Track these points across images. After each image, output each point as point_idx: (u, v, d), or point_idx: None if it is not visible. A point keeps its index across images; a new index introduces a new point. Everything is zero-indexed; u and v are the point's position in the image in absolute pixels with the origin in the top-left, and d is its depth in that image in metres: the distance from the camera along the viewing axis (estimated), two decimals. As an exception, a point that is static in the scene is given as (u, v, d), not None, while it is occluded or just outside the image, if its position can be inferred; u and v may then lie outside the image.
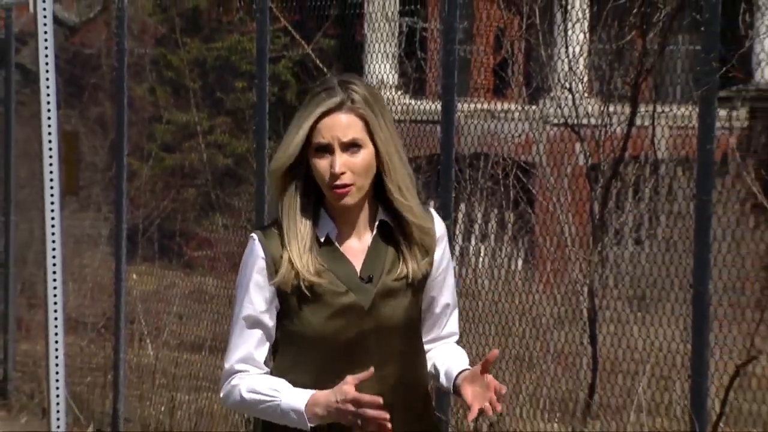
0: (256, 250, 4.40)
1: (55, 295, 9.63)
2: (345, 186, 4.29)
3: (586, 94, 13.62)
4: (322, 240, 4.42)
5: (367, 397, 4.10)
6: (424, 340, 4.77)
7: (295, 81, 20.77)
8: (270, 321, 4.45)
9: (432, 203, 14.75)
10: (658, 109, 13.11)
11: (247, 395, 4.39)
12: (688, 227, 11.48)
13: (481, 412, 4.46)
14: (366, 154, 4.33)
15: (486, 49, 15.87)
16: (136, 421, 15.43)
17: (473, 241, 16.19)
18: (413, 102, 18.16)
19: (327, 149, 4.30)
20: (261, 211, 14.51)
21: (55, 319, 9.37)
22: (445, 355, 4.75)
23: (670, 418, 11.86)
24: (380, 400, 4.11)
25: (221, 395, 4.50)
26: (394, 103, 21.04)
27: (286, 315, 4.43)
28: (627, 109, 12.94)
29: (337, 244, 4.47)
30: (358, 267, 4.43)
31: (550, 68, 13.32)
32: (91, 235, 16.34)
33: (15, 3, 16.62)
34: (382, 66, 20.08)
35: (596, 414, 12.42)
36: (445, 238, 4.67)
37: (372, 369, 4.16)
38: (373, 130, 4.37)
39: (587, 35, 14.50)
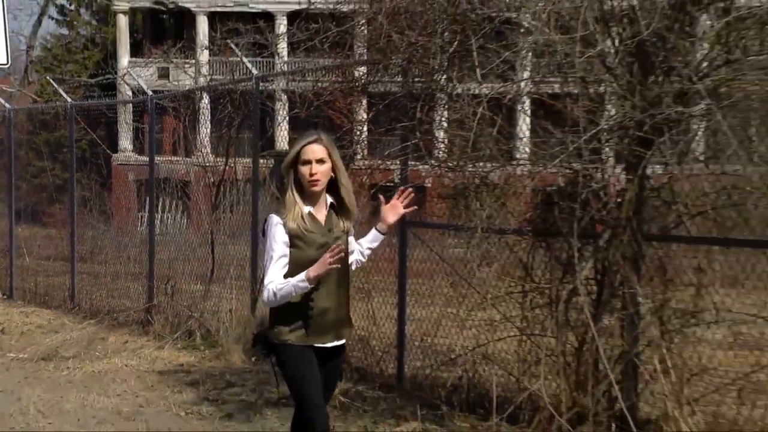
0: (276, 220, 4.14)
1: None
2: (316, 181, 4.13)
3: (209, 153, 12.85)
4: (307, 212, 4.16)
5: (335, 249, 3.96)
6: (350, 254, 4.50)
7: (90, 151, 20.15)
8: (287, 255, 4.11)
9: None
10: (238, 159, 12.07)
11: (276, 288, 4.02)
12: (247, 205, 10.55)
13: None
14: (327, 167, 4.15)
15: (169, 136, 15.65)
16: (20, 289, 14.53)
17: (165, 213, 15.33)
18: (138, 157, 17.80)
19: (309, 162, 4.10)
20: (73, 203, 13.54)
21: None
22: (363, 240, 4.58)
23: (239, 288, 10.29)
24: (342, 247, 4.06)
25: (264, 298, 4.16)
26: (130, 158, 20.71)
27: (294, 251, 4.13)
28: (223, 159, 11.76)
29: (313, 214, 4.20)
30: (323, 224, 4.23)
31: (194, 142, 12.99)
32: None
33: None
34: (126, 143, 19.95)
35: (216, 279, 10.92)
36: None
37: (340, 246, 4.03)
38: (332, 155, 4.16)
39: (209, 129, 13.74)
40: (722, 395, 5.69)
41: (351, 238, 4.49)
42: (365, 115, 8.30)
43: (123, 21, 38.47)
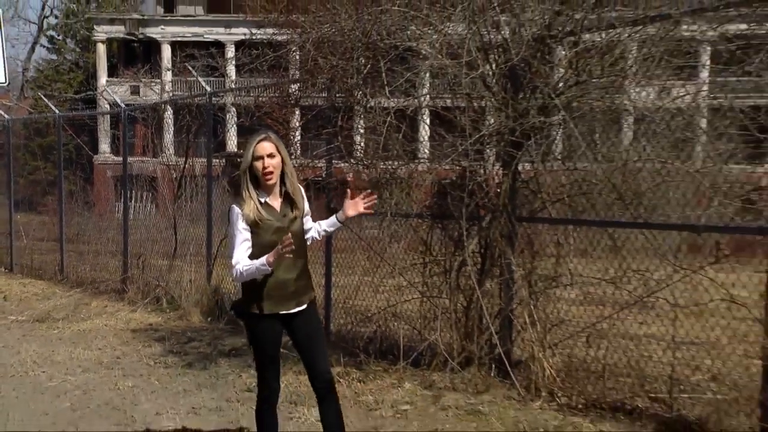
0: (237, 210, 3.89)
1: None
2: (270, 173, 3.89)
3: (172, 154, 12.46)
4: (262, 201, 3.93)
5: (285, 240, 3.71)
6: (306, 232, 4.23)
7: (75, 153, 19.55)
8: (249, 239, 3.89)
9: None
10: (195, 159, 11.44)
11: (243, 269, 3.82)
12: (203, 196, 10.13)
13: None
14: (277, 160, 3.90)
15: (140, 141, 15.20)
16: (19, 264, 14.31)
17: (137, 202, 14.99)
18: (115, 157, 17.23)
19: (261, 158, 3.88)
20: (61, 195, 13.23)
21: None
22: (323, 222, 4.32)
23: (197, 263, 10.00)
24: (291, 240, 3.74)
25: (233, 276, 3.95)
26: (108, 159, 20.04)
27: (254, 235, 3.91)
28: (183, 159, 11.23)
29: (269, 203, 3.96)
30: (278, 211, 3.97)
31: (160, 146, 12.70)
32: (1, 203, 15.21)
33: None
34: (105, 146, 19.30)
35: (179, 256, 10.58)
36: (306, 199, 4.16)
37: (290, 235, 3.74)
38: (279, 150, 3.90)
39: (172, 135, 13.60)
40: (575, 340, 5.82)
41: (308, 218, 4.24)
42: (297, 123, 8.25)
43: (101, 48, 38.22)
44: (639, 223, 5.41)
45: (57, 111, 13.69)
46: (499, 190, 6.11)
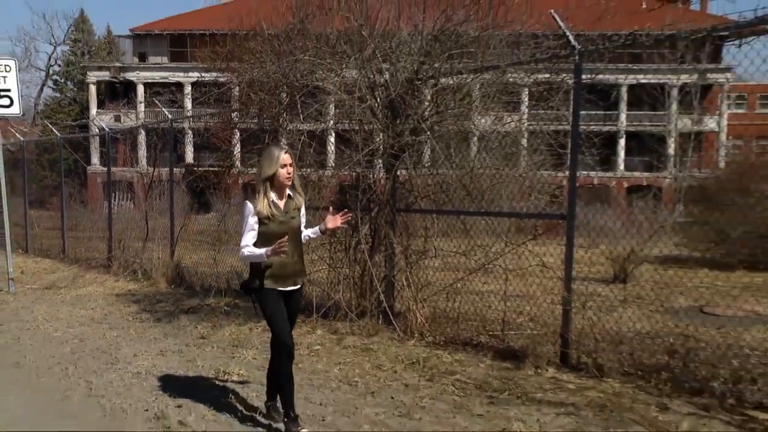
0: (250, 206, 3.48)
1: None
2: (290, 178, 3.51)
3: (144, 165, 11.60)
4: (271, 201, 3.51)
5: (280, 242, 3.36)
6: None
7: (74, 165, 18.20)
8: (256, 230, 3.49)
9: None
10: (161, 168, 10.23)
11: (248, 252, 3.43)
12: (167, 196, 9.11)
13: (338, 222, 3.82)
14: (293, 168, 3.55)
15: (120, 155, 14.21)
16: (32, 247, 13.42)
17: (119, 201, 14.08)
18: (103, 168, 15.93)
19: (286, 165, 3.49)
20: (63, 196, 12.31)
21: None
22: (309, 229, 3.78)
23: (164, 245, 9.19)
24: (286, 241, 3.41)
25: (240, 255, 3.53)
26: (98, 169, 18.59)
27: (264, 226, 3.50)
28: (152, 169, 10.38)
29: (276, 202, 3.54)
30: (283, 209, 3.55)
31: (135, 159, 11.92)
32: (17, 203, 14.01)
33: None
34: (96, 160, 17.87)
35: (150, 239, 9.78)
36: (304, 202, 3.76)
37: (286, 238, 3.40)
38: (293, 161, 3.54)
39: (144, 151, 12.71)
40: (438, 296, 5.79)
41: (303, 220, 3.79)
42: (236, 141, 7.94)
43: (93, 88, 37.00)
44: (482, 212, 5.40)
45: (59, 134, 13.06)
46: (383, 189, 5.99)
